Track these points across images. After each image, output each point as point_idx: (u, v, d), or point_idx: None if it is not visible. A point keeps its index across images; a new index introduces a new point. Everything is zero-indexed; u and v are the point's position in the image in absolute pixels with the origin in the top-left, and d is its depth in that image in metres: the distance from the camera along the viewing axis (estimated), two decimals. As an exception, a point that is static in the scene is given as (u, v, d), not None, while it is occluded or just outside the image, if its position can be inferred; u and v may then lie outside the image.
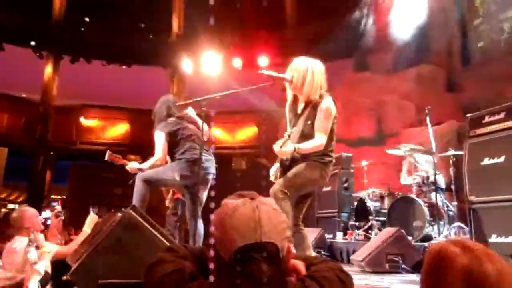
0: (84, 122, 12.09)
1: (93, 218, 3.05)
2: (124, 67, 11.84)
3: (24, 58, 10.81)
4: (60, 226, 3.41)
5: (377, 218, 5.32)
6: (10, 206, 15.91)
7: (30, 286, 2.35)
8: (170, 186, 3.88)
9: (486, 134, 3.75)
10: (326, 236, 5.68)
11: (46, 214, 9.03)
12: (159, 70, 11.88)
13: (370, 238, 5.02)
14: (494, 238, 3.52)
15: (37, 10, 11.03)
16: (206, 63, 10.29)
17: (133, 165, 3.67)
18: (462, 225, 4.58)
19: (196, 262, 1.08)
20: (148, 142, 4.72)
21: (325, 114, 2.66)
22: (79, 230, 3.45)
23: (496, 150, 3.60)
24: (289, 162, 2.75)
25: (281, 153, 2.62)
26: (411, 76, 8.53)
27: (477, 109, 4.39)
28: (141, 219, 1.89)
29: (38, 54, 11.17)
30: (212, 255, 0.97)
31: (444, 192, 5.10)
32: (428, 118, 4.74)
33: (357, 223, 5.65)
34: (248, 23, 11.09)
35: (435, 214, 4.54)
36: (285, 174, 2.72)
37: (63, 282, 1.82)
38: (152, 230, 1.89)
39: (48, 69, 11.24)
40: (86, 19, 11.64)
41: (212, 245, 0.98)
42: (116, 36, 11.25)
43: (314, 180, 2.70)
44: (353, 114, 8.82)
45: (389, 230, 4.33)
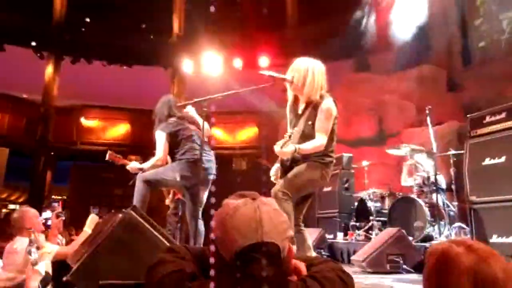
0: (84, 122, 12.10)
1: (93, 219, 3.06)
2: (124, 68, 11.84)
3: (25, 58, 10.82)
4: (60, 227, 3.41)
5: (377, 219, 5.32)
6: (11, 207, 15.91)
7: (31, 287, 2.35)
8: (171, 186, 3.88)
9: (487, 134, 3.75)
10: (327, 236, 5.68)
11: (46, 215, 9.03)
12: (160, 71, 11.88)
13: (370, 239, 5.01)
14: (495, 238, 3.52)
15: (37, 10, 11.03)
16: (207, 64, 10.29)
17: (133, 165, 3.66)
18: (463, 225, 4.57)
19: (196, 262, 1.07)
20: (148, 143, 4.73)
21: (325, 114, 2.66)
22: (80, 231, 3.45)
23: (497, 150, 3.60)
24: (289, 162, 2.75)
25: (281, 153, 2.62)
26: (412, 76, 8.53)
27: (477, 109, 4.39)
28: (141, 220, 1.90)
29: (39, 54, 11.18)
30: (212, 255, 0.97)
31: (445, 192, 5.09)
32: (428, 118, 4.74)
33: (357, 224, 5.65)
34: (248, 24, 11.09)
35: (436, 214, 4.54)
36: (285, 175, 2.72)
37: (64, 283, 1.83)
38: (152, 230, 1.89)
39: (48, 69, 11.24)
40: (87, 20, 11.65)
41: (212, 245, 0.98)
42: (116, 36, 11.25)
43: (314, 180, 2.70)
44: (353, 114, 8.82)
45: (389, 231, 4.33)
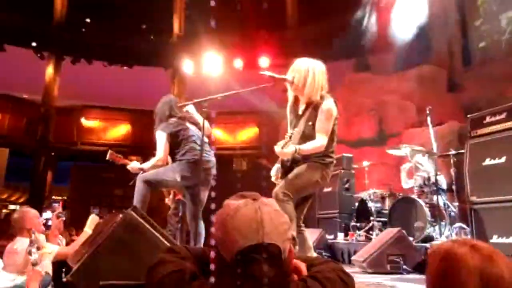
0: (85, 123, 12.11)
1: (94, 219, 3.06)
2: (125, 68, 11.85)
3: (25, 59, 10.83)
4: (61, 227, 3.41)
5: (378, 219, 5.32)
6: (11, 207, 15.92)
7: (31, 287, 2.35)
8: (171, 187, 3.87)
9: (487, 134, 3.75)
10: (327, 236, 5.68)
11: (47, 215, 9.04)
12: (160, 71, 11.89)
13: (371, 239, 5.01)
14: (495, 239, 3.51)
15: (38, 11, 11.04)
16: (207, 64, 10.29)
17: (134, 165, 3.65)
18: (464, 225, 4.56)
19: (197, 262, 1.07)
20: (149, 143, 4.73)
21: (326, 115, 2.66)
22: (80, 231, 3.45)
23: (497, 150, 3.60)
24: (290, 163, 2.76)
25: (282, 154, 2.62)
26: (412, 76, 8.53)
27: (478, 109, 4.39)
28: (142, 220, 1.89)
29: (39, 55, 11.19)
30: (213, 256, 0.97)
31: (445, 192, 5.08)
32: (429, 119, 4.74)
33: (358, 224, 5.64)
34: (248, 24, 11.09)
35: (436, 214, 4.53)
36: (286, 175, 2.72)
37: (64, 283, 1.83)
38: (153, 231, 1.88)
39: (49, 70, 11.25)
40: (87, 20, 11.67)
41: (213, 245, 0.97)
42: (117, 37, 11.26)
43: (315, 181, 2.70)
44: (354, 114, 8.82)
45: (390, 231, 4.32)
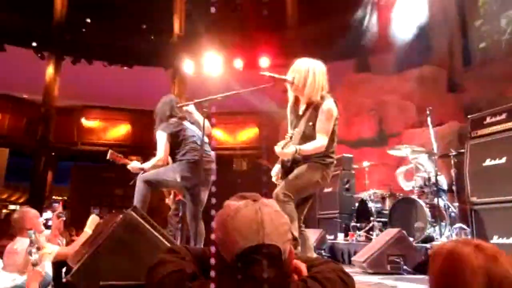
0: (85, 123, 12.11)
1: (94, 219, 3.06)
2: (125, 68, 11.85)
3: (25, 59, 10.83)
4: (61, 227, 3.41)
5: (378, 219, 5.31)
6: (11, 207, 15.92)
7: (31, 287, 2.35)
8: (171, 187, 3.87)
9: (487, 135, 3.74)
10: (327, 237, 5.67)
11: (47, 215, 9.04)
12: (160, 71, 11.89)
13: (371, 239, 5.00)
14: (495, 239, 3.51)
15: (38, 11, 11.05)
16: (207, 64, 10.29)
17: (134, 164, 3.65)
18: (464, 226, 4.56)
19: (197, 263, 1.07)
20: (149, 143, 4.72)
21: (326, 115, 2.66)
22: (81, 231, 3.45)
23: (497, 151, 3.59)
24: (290, 163, 2.76)
25: (282, 154, 2.62)
26: (412, 76, 8.53)
27: (478, 109, 4.39)
28: (142, 220, 1.90)
29: (39, 55, 11.19)
30: (213, 257, 0.97)
31: (446, 193, 5.08)
32: (429, 119, 4.73)
33: (358, 224, 5.64)
34: (249, 24, 11.09)
35: (437, 215, 4.53)
36: (286, 176, 2.72)
37: (64, 283, 1.82)
38: (153, 231, 1.89)
39: (49, 70, 11.25)
40: (88, 20, 11.67)
41: (213, 246, 0.97)
42: (117, 37, 11.27)
43: (315, 182, 2.70)
44: (354, 115, 8.82)
45: (390, 231, 4.32)
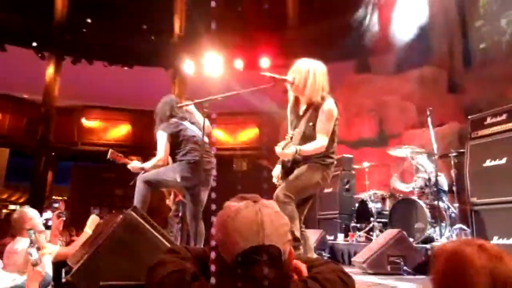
0: (85, 123, 12.11)
1: (94, 219, 3.06)
2: (125, 68, 11.85)
3: (26, 59, 10.83)
4: (60, 227, 3.40)
5: (378, 220, 5.31)
6: (12, 207, 15.91)
7: (31, 287, 2.35)
8: (171, 187, 3.87)
9: (488, 135, 3.75)
10: (328, 237, 5.67)
11: (47, 215, 9.05)
12: (161, 71, 11.89)
13: (371, 240, 5.00)
14: (495, 240, 3.51)
15: (38, 11, 11.05)
16: (208, 64, 10.29)
17: (135, 164, 3.64)
18: (464, 227, 4.56)
19: (197, 263, 1.07)
20: (149, 143, 4.72)
21: (326, 116, 2.66)
22: (81, 231, 3.45)
23: (498, 151, 3.59)
24: (290, 163, 2.76)
25: (283, 154, 2.62)
26: (413, 77, 8.52)
27: (478, 110, 4.38)
28: (142, 221, 1.90)
29: (40, 55, 11.19)
30: (213, 257, 0.97)
31: (446, 194, 5.07)
32: (429, 120, 4.73)
33: (358, 225, 5.63)
34: (249, 24, 11.09)
35: (437, 216, 4.53)
36: (286, 176, 2.72)
37: (64, 283, 1.82)
38: (153, 231, 1.89)
39: (49, 70, 11.26)
40: (88, 20, 11.66)
41: (213, 247, 0.97)
42: (117, 37, 11.26)
43: (316, 182, 2.69)
44: (354, 115, 8.82)
45: (390, 232, 4.31)
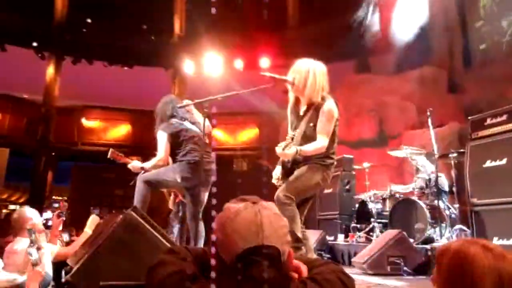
0: (85, 123, 12.12)
1: (94, 219, 3.06)
2: (125, 68, 11.86)
3: (26, 59, 10.84)
4: (60, 226, 3.40)
5: (378, 220, 5.30)
6: (12, 207, 15.91)
7: (31, 287, 2.34)
8: (171, 187, 3.87)
9: (488, 136, 3.74)
10: (328, 238, 5.67)
11: (47, 215, 9.04)
12: (161, 71, 11.90)
13: (371, 240, 5.00)
14: (496, 241, 3.50)
15: (39, 11, 11.05)
16: (208, 65, 10.29)
17: (135, 164, 3.64)
18: (464, 227, 4.55)
19: (197, 263, 1.07)
20: (149, 143, 4.71)
21: (327, 116, 2.66)
22: (81, 231, 3.45)
23: (498, 152, 3.59)
24: (290, 164, 2.75)
25: (283, 155, 2.62)
26: (413, 77, 8.53)
27: (478, 111, 4.38)
28: (142, 221, 1.90)
29: (40, 55, 11.20)
30: (213, 258, 0.97)
31: (447, 194, 5.07)
32: (429, 120, 4.73)
33: (358, 225, 5.63)
34: (249, 24, 11.10)
35: (437, 216, 4.53)
36: (287, 177, 2.72)
37: (64, 283, 1.82)
38: (153, 231, 1.89)
39: (50, 70, 11.26)
40: (88, 20, 11.67)
41: (213, 248, 0.97)
42: (117, 37, 11.27)
43: (316, 183, 2.69)
44: (354, 115, 8.82)
45: (390, 232, 4.31)
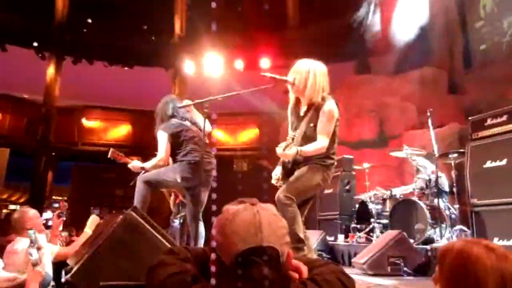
0: (86, 123, 12.12)
1: (94, 220, 3.06)
2: (126, 68, 11.86)
3: (26, 59, 10.84)
4: (59, 226, 3.40)
5: (378, 221, 5.30)
6: (12, 207, 15.92)
7: (31, 287, 2.34)
8: (171, 187, 3.87)
9: (488, 137, 3.74)
10: (328, 238, 5.66)
11: (47, 215, 9.04)
12: (161, 72, 11.90)
13: (371, 241, 4.99)
14: (496, 241, 3.50)
15: (39, 11, 11.06)
16: (208, 65, 10.29)
17: (135, 163, 3.64)
18: (464, 228, 4.55)
19: (197, 264, 1.07)
20: (149, 143, 4.72)
21: (327, 116, 2.66)
22: (81, 231, 3.45)
23: (498, 153, 3.59)
24: (291, 164, 2.75)
25: (284, 155, 2.62)
26: (413, 78, 8.53)
27: (478, 111, 4.38)
28: (142, 221, 1.90)
29: (40, 55, 11.20)
30: (213, 259, 0.97)
31: (447, 194, 5.07)
32: (430, 121, 4.73)
33: (358, 226, 5.63)
34: (250, 25, 11.10)
35: (437, 217, 4.52)
36: (287, 177, 2.72)
37: (64, 283, 1.82)
38: (153, 231, 1.89)
39: (50, 70, 11.26)
40: (89, 20, 11.67)
41: (213, 249, 0.98)
42: (118, 37, 11.27)
43: (316, 184, 2.69)
44: (354, 116, 8.82)
45: (390, 233, 4.31)
